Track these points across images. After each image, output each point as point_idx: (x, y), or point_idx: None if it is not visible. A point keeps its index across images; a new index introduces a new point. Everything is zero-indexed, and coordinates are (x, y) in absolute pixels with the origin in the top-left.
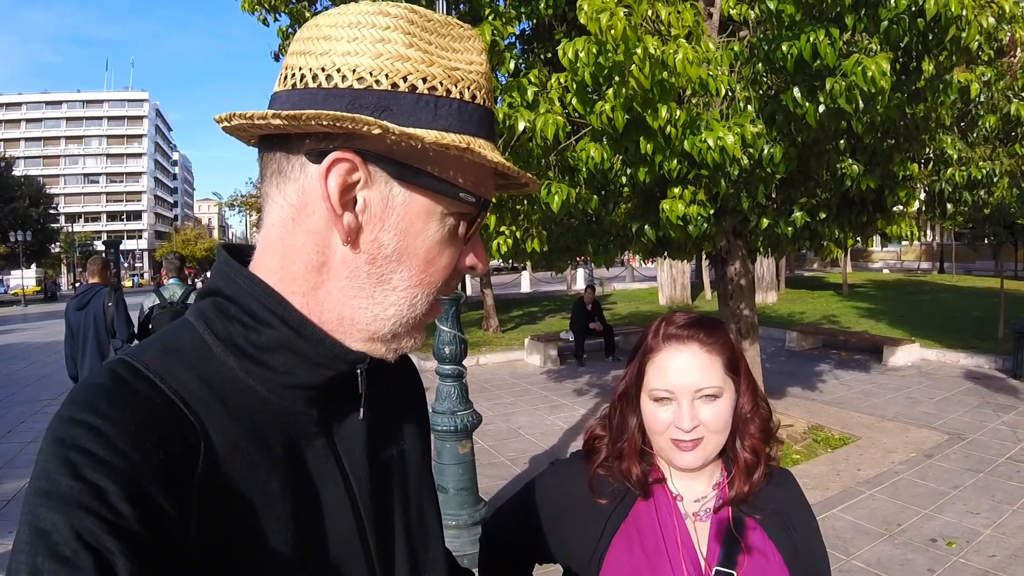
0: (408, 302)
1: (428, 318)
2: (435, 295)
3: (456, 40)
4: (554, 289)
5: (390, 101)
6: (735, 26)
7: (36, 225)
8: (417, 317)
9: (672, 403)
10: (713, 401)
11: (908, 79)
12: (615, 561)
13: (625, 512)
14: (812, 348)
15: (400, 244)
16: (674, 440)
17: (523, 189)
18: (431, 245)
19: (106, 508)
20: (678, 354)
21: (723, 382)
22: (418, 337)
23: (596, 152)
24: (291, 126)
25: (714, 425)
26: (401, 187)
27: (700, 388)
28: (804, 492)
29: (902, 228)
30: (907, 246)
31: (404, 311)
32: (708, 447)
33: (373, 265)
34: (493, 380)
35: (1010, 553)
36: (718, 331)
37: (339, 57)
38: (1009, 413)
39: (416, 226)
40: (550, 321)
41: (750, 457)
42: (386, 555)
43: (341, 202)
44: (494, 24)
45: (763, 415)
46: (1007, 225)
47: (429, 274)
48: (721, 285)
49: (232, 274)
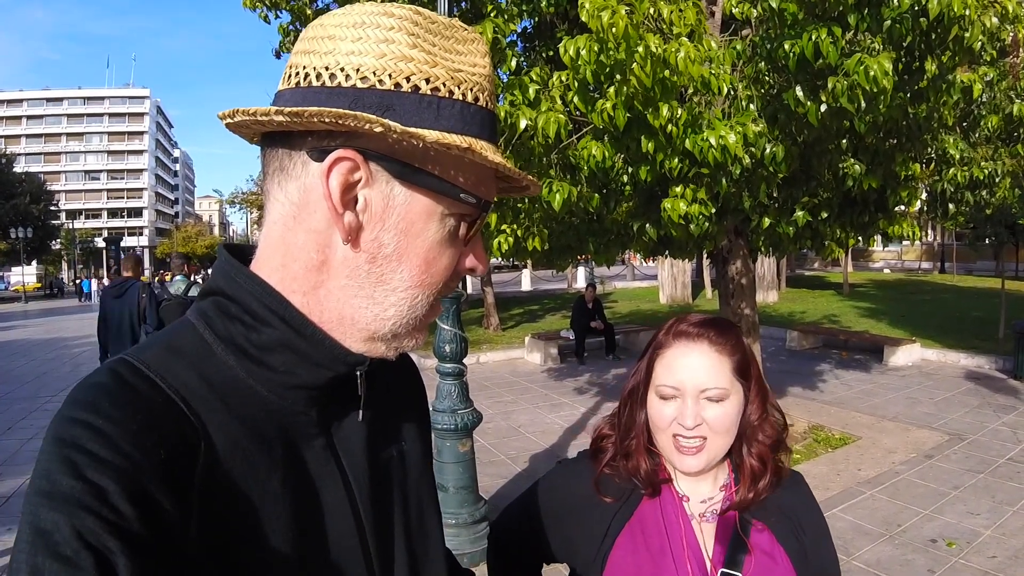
0: (408, 302)
1: (429, 318)
2: (436, 296)
3: (460, 42)
4: (555, 287)
5: (393, 101)
6: (737, 25)
7: (37, 222)
8: (418, 317)
9: (677, 400)
10: (718, 403)
11: (911, 79)
12: (619, 560)
13: (630, 511)
14: (812, 348)
15: (400, 244)
16: (676, 438)
17: (524, 192)
18: (431, 245)
19: (107, 508)
20: (687, 351)
21: (730, 384)
22: (419, 337)
23: (598, 150)
24: (293, 123)
25: (718, 426)
26: (402, 187)
27: (705, 388)
28: None
29: (903, 228)
30: (908, 246)
31: (404, 311)
32: (711, 450)
33: (373, 265)
34: (493, 378)
35: (1010, 554)
36: (730, 333)
37: (343, 56)
38: (1009, 414)
39: (417, 226)
40: (551, 319)
41: (756, 464)
42: (385, 556)
43: (342, 201)
44: (496, 22)
45: (773, 423)
46: (1008, 225)
47: (429, 275)
48: (722, 284)
49: (233, 273)
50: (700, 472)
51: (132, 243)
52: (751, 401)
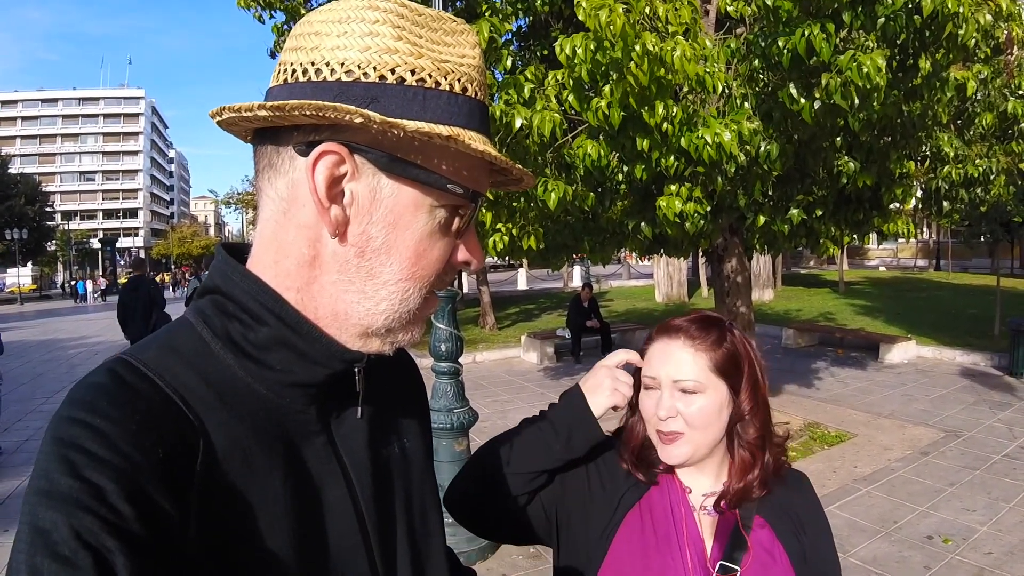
0: (399, 296)
1: (424, 312)
2: (428, 289)
3: (448, 34)
4: (551, 286)
5: (377, 93)
6: (732, 23)
7: (32, 223)
8: (411, 311)
9: (657, 391)
10: (692, 396)
11: (905, 76)
12: (624, 539)
13: (640, 494)
14: (808, 345)
15: (389, 237)
16: (658, 432)
17: (519, 184)
18: (420, 238)
19: (105, 507)
20: (664, 346)
21: (705, 379)
22: (415, 331)
23: (593, 149)
24: (276, 117)
25: (695, 421)
26: (389, 179)
27: (677, 379)
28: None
29: (898, 225)
30: (904, 244)
31: (396, 305)
32: (691, 443)
33: (362, 259)
34: (490, 377)
35: (1006, 550)
36: (712, 329)
37: (328, 51)
38: (1005, 410)
39: (405, 218)
40: (547, 318)
41: (746, 456)
42: (388, 553)
43: (328, 195)
44: (491, 21)
45: (761, 418)
46: (1003, 223)
47: (420, 267)
48: (718, 282)
49: (229, 271)
50: (683, 464)
51: (128, 244)
52: (743, 398)
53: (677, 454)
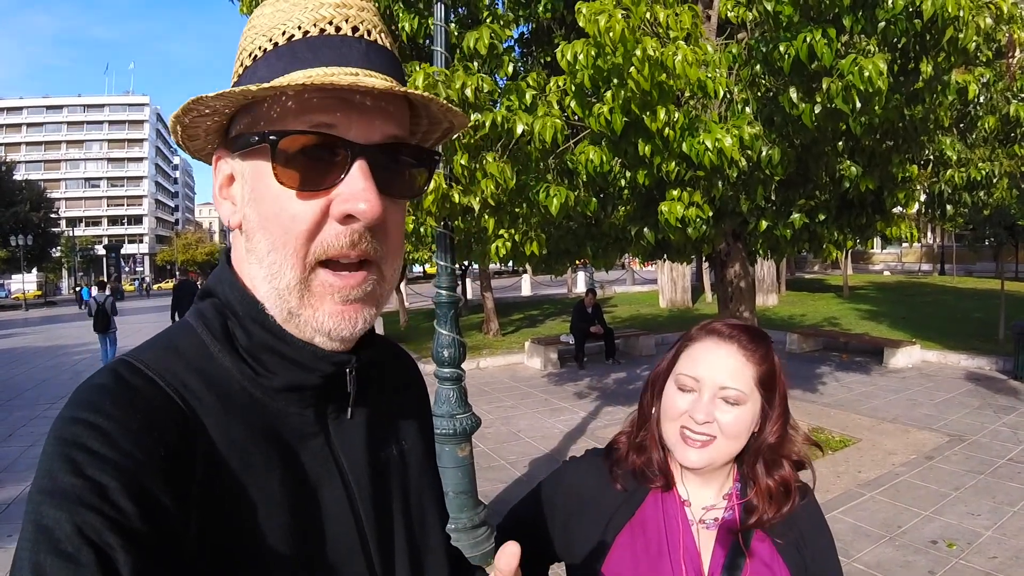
0: (272, 269)
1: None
2: (310, 258)
3: None
4: (555, 292)
5: (252, 72)
6: (733, 28)
7: (37, 229)
8: (290, 286)
9: (694, 393)
10: (734, 406)
11: (906, 80)
12: (618, 558)
13: (632, 511)
14: (813, 350)
15: (259, 212)
16: (684, 430)
17: (452, 129)
18: (271, 201)
19: (107, 505)
20: (715, 347)
21: (750, 391)
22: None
23: (595, 155)
24: (187, 135)
25: (729, 430)
26: (243, 161)
27: (724, 386)
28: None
29: (902, 230)
30: (907, 248)
31: (273, 282)
32: (717, 451)
33: (250, 241)
34: (493, 383)
35: (1011, 555)
36: (762, 343)
37: (239, 55)
38: (1010, 415)
39: (259, 190)
40: (550, 324)
41: (776, 488)
42: (386, 552)
43: (221, 195)
44: (492, 27)
45: (795, 448)
46: (1007, 226)
47: (283, 232)
48: (721, 288)
49: (222, 276)
50: (700, 469)
51: (132, 250)
52: (772, 418)
53: (699, 459)
